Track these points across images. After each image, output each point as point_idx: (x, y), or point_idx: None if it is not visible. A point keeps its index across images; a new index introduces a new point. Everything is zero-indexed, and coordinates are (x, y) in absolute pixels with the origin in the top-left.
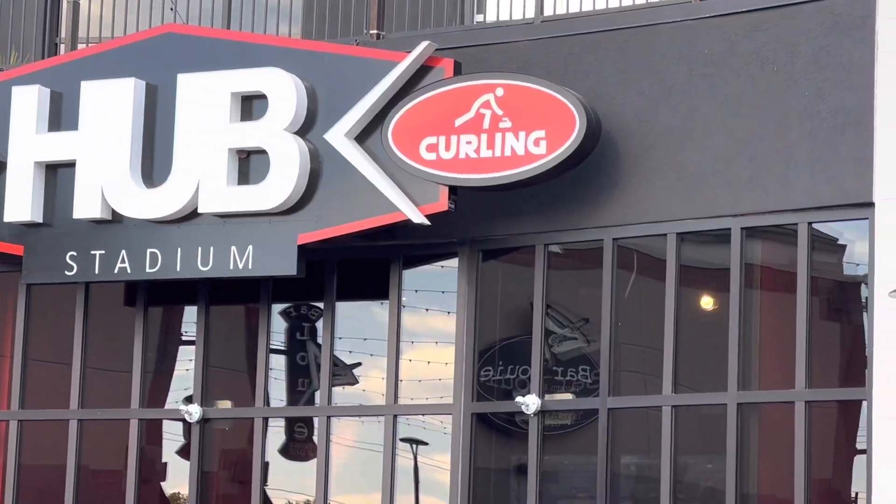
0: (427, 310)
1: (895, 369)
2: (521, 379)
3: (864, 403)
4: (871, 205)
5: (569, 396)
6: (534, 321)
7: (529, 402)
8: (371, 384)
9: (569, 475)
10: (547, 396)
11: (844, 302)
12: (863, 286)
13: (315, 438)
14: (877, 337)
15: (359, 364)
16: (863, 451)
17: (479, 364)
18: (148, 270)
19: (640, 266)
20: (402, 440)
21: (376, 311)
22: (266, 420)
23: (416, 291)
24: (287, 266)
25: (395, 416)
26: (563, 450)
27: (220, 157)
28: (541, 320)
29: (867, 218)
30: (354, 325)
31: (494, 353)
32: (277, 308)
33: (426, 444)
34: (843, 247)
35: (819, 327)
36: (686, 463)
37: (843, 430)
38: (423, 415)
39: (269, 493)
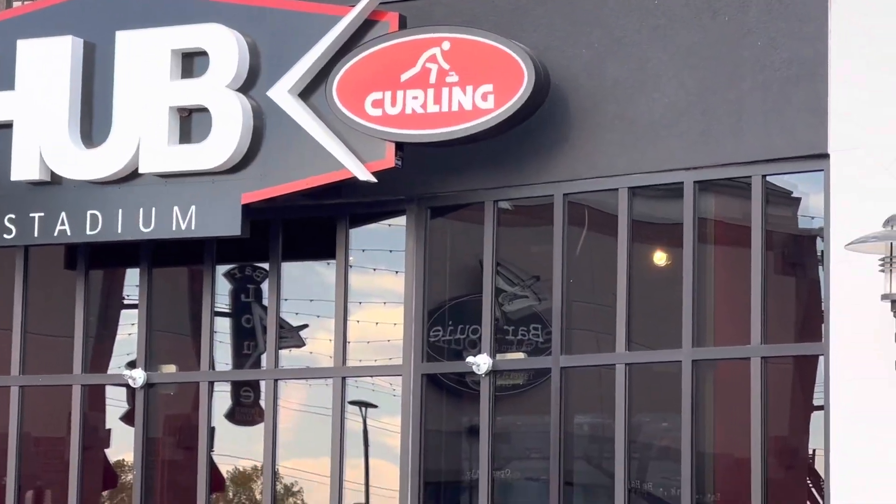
0: (375, 269)
1: (852, 323)
2: (471, 339)
3: (821, 359)
4: (825, 156)
5: (520, 356)
6: (484, 280)
7: (480, 363)
8: (318, 346)
9: (521, 436)
10: (498, 356)
11: (800, 256)
12: (818, 239)
13: (262, 402)
14: (833, 291)
15: (306, 326)
16: (820, 408)
17: (429, 324)
18: (88, 233)
19: (592, 222)
20: (351, 403)
21: (323, 272)
22: (211, 384)
23: (364, 251)
24: (231, 226)
25: (344, 379)
26: (516, 410)
27: (161, 115)
28: (491, 279)
29: (822, 170)
30: (301, 285)
31: (444, 312)
32: (222, 269)
33: (376, 406)
34: (798, 199)
35: (774, 282)
36: (641, 422)
37: (800, 387)
38: (371, 377)
39: (216, 458)
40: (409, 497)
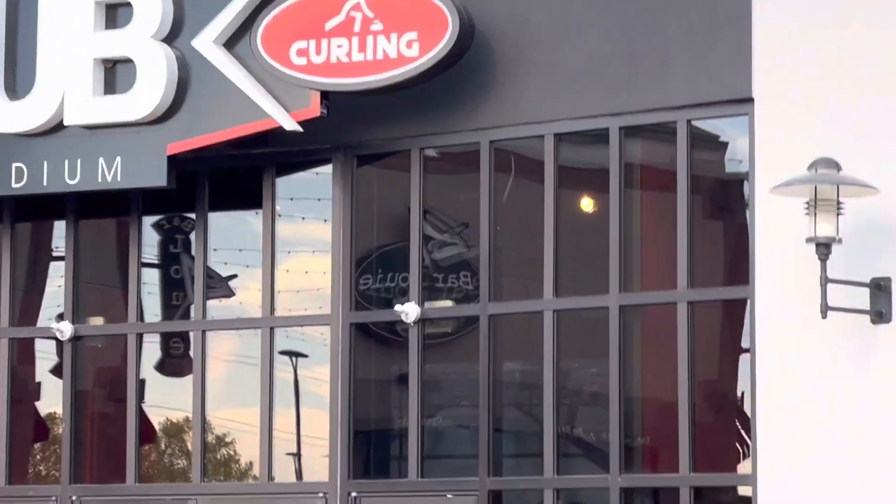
0: (303, 218)
1: (778, 267)
2: (400, 287)
3: (748, 302)
4: (750, 100)
5: (449, 303)
6: (411, 227)
7: (409, 311)
8: (248, 296)
9: (451, 384)
10: (427, 304)
11: (728, 200)
12: (745, 183)
13: (192, 353)
14: (758, 235)
15: (235, 276)
16: (748, 350)
17: (358, 273)
18: (14, 185)
19: (519, 169)
20: (282, 353)
21: (251, 221)
22: (140, 336)
23: (292, 200)
24: (157, 177)
25: (273, 329)
26: (445, 358)
27: (86, 67)
28: (418, 226)
29: (747, 114)
30: (229, 235)
31: (373, 261)
32: (149, 220)
33: (306, 356)
34: (725, 144)
35: (702, 226)
36: (569, 368)
37: (729, 330)
38: (300, 326)
39: (148, 410)
40: (338, 445)
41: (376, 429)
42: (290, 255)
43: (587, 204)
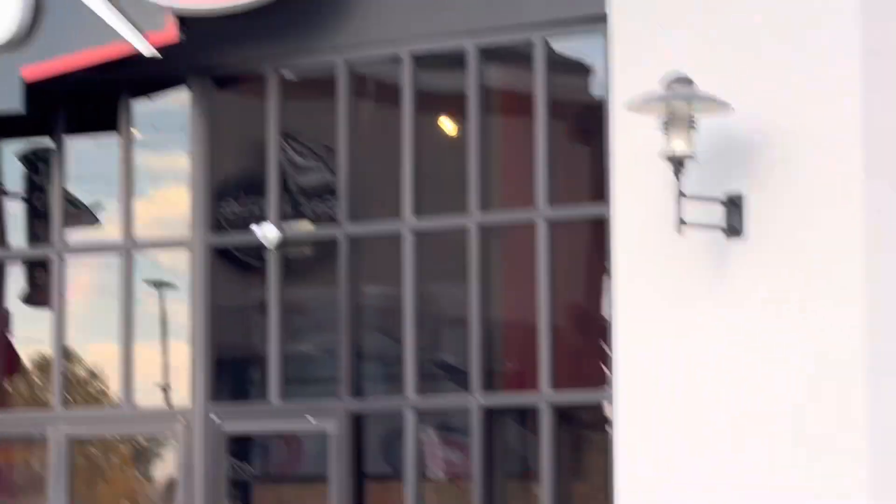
0: (163, 144)
1: (634, 185)
2: (262, 212)
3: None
4: (605, 17)
5: (310, 227)
6: (268, 150)
7: (268, 234)
8: (109, 224)
9: (313, 309)
10: (287, 227)
11: (592, 122)
12: (606, 103)
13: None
14: (615, 152)
15: (96, 203)
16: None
17: (217, 198)
18: None
19: (378, 90)
20: (146, 282)
21: (111, 148)
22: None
23: (151, 125)
24: (12, 102)
25: (131, 253)
26: (307, 282)
27: None
28: (275, 150)
29: (603, 32)
30: (90, 162)
31: (233, 185)
32: (8, 147)
33: (171, 285)
34: (585, 64)
35: (566, 149)
36: (432, 290)
37: (593, 251)
38: (158, 248)
39: (14, 342)
40: (200, 375)
41: (239, 354)
42: (158, 186)
43: (448, 126)
